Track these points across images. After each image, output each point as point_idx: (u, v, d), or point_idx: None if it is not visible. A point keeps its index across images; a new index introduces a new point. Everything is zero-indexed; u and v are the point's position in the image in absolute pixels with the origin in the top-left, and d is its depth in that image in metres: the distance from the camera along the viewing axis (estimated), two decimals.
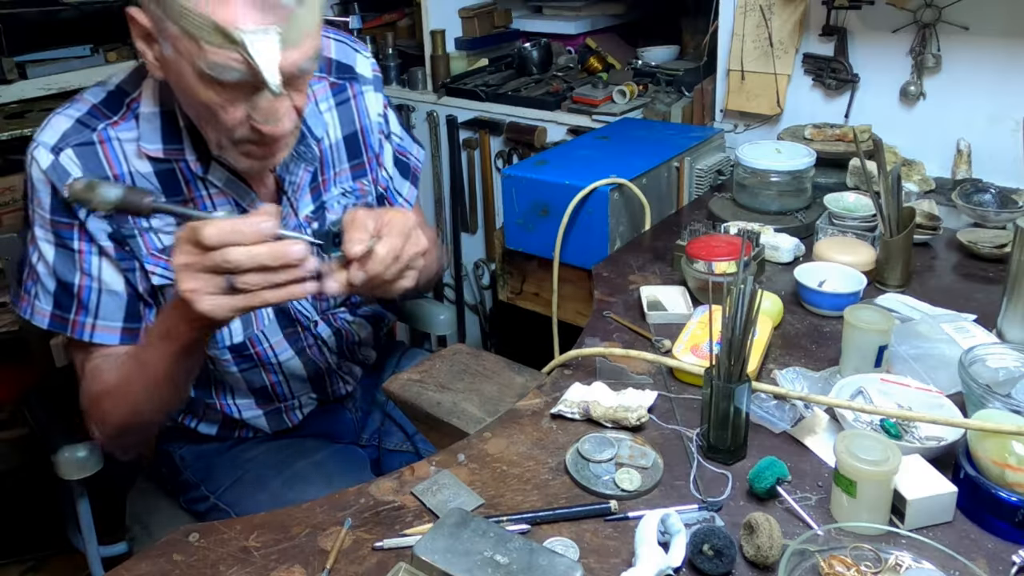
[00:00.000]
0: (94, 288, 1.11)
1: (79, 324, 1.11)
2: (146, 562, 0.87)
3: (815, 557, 0.80)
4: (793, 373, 1.12)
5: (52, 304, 1.11)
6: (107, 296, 1.12)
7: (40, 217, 1.09)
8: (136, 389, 1.08)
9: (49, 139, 1.08)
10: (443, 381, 1.17)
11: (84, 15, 2.56)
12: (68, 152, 1.07)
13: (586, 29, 2.66)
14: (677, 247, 1.44)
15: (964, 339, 1.12)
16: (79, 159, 1.07)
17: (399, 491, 0.95)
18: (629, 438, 1.01)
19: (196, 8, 0.90)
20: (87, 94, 1.12)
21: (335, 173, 1.25)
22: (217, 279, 0.90)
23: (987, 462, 0.87)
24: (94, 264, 1.10)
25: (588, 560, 0.84)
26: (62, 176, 1.06)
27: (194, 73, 0.95)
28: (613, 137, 1.95)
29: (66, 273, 1.10)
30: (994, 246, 1.42)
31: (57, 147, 1.07)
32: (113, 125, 1.09)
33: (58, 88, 2.49)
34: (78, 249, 1.10)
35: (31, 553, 2.20)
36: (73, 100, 1.13)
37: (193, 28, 0.91)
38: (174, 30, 0.92)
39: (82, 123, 1.09)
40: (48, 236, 1.09)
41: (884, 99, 1.80)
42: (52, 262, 1.10)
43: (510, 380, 1.17)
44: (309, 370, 1.30)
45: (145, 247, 1.11)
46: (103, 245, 1.10)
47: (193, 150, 1.10)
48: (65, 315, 1.11)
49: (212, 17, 0.90)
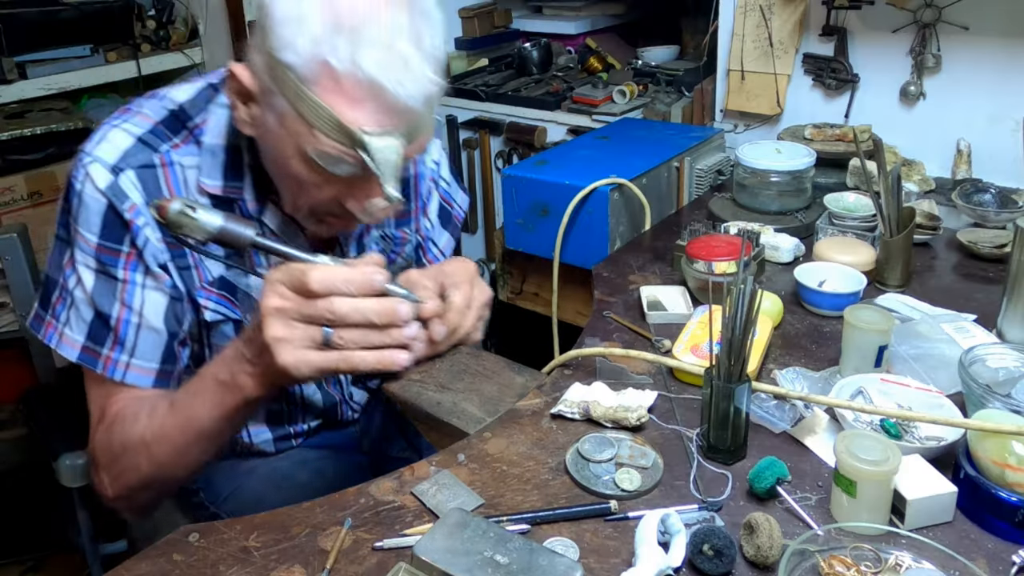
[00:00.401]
0: (133, 322, 1.01)
1: (112, 361, 1.02)
2: (146, 562, 0.87)
3: (815, 557, 0.80)
4: (793, 373, 1.12)
5: (86, 335, 1.01)
6: (146, 332, 1.02)
7: (83, 239, 0.99)
8: (172, 442, 0.98)
9: (108, 156, 0.98)
10: (443, 381, 1.17)
11: (84, 15, 2.56)
12: (129, 174, 0.98)
13: (586, 29, 2.66)
14: (677, 247, 1.44)
15: (964, 339, 1.12)
16: (139, 182, 0.98)
17: (399, 491, 0.95)
18: (629, 438, 1.01)
19: (321, 99, 0.85)
20: (146, 108, 1.03)
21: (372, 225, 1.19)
22: (312, 330, 0.84)
23: (987, 462, 0.87)
24: (137, 296, 1.01)
25: (588, 560, 0.84)
26: (120, 199, 0.97)
27: (296, 151, 0.89)
28: (613, 137, 1.95)
29: (104, 303, 1.01)
30: (994, 246, 1.42)
31: (117, 167, 0.98)
32: (175, 148, 1.01)
33: (58, 88, 2.49)
34: (122, 279, 1.01)
35: (31, 553, 2.20)
36: (128, 111, 1.04)
37: (311, 115, 0.86)
38: (285, 107, 0.87)
39: (144, 142, 1.00)
40: (89, 261, 1.00)
41: (884, 99, 1.80)
42: (91, 289, 1.00)
43: (510, 380, 1.17)
44: (325, 401, 1.25)
45: (198, 279, 1.04)
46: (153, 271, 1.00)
47: (252, 189, 1.03)
48: (99, 349, 1.01)
49: (336, 115, 0.85)
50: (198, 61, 2.99)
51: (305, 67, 0.85)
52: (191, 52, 2.92)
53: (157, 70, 2.82)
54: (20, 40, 2.40)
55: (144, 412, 1.01)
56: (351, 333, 0.86)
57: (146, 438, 0.99)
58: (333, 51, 0.84)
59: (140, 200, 0.98)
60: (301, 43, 0.85)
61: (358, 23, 0.85)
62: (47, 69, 2.46)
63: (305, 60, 0.85)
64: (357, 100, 0.85)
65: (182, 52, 2.88)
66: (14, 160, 2.33)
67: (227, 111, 1.01)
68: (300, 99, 0.86)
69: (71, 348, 1.02)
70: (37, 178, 2.34)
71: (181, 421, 0.98)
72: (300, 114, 0.86)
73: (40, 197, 2.35)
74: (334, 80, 0.85)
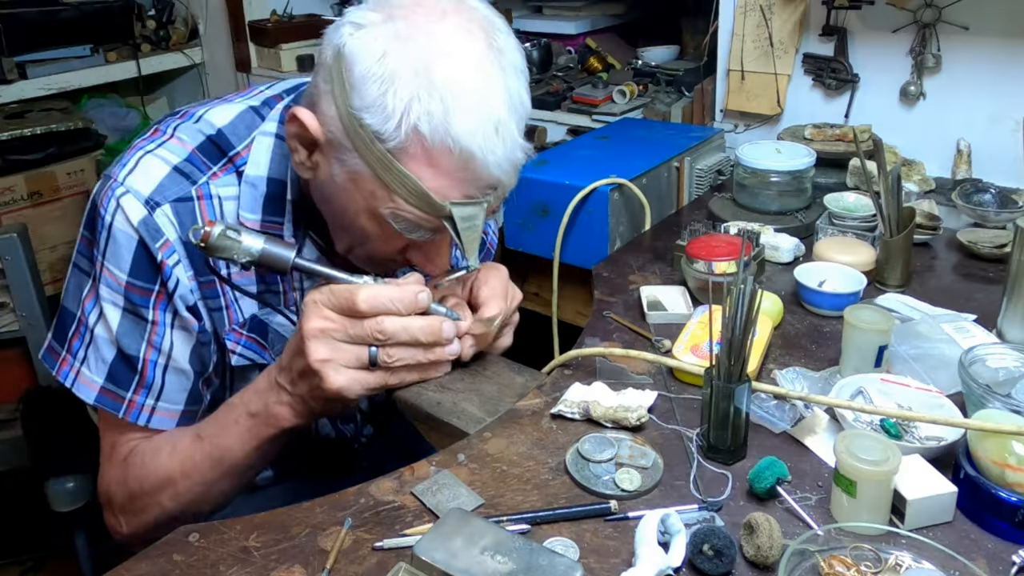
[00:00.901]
0: (160, 364, 0.96)
1: (136, 405, 0.96)
2: (146, 562, 0.87)
3: (815, 557, 0.80)
4: (793, 373, 1.12)
5: (106, 377, 0.95)
6: (172, 375, 0.97)
7: (111, 275, 0.93)
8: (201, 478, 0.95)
9: (143, 188, 0.92)
10: (443, 381, 1.17)
11: (84, 15, 2.56)
12: (165, 209, 0.92)
13: (586, 29, 2.66)
14: (677, 247, 1.44)
15: (964, 339, 1.12)
16: (175, 218, 0.92)
17: (399, 491, 0.95)
18: (629, 438, 1.01)
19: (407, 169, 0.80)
20: (181, 132, 0.96)
21: None
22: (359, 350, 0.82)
23: (987, 462, 0.87)
24: (166, 338, 0.95)
25: (588, 560, 0.84)
26: (154, 236, 0.91)
27: (367, 210, 0.85)
28: (613, 137, 1.95)
29: (131, 345, 0.95)
30: (994, 246, 1.42)
31: (153, 200, 0.91)
32: (213, 178, 0.94)
33: (58, 88, 2.49)
34: (151, 320, 0.95)
35: (31, 553, 2.20)
36: (162, 135, 0.96)
37: (393, 182, 0.81)
38: (360, 166, 0.82)
39: (181, 172, 0.93)
40: (116, 299, 0.94)
41: (884, 99, 1.80)
42: (116, 329, 0.94)
43: (510, 380, 1.17)
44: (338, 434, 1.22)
45: (228, 320, 0.98)
46: (182, 315, 0.95)
47: (291, 225, 0.97)
48: (121, 392, 0.96)
49: (424, 187, 0.81)
50: (198, 61, 2.99)
51: (391, 133, 0.80)
52: (191, 52, 2.92)
53: (157, 70, 2.82)
54: (20, 40, 2.40)
55: (166, 447, 0.97)
56: (399, 351, 0.85)
57: (172, 475, 0.95)
58: (426, 118, 0.79)
59: (175, 236, 0.93)
60: (390, 106, 0.79)
61: (452, 85, 0.79)
62: (47, 69, 2.46)
63: (392, 126, 0.80)
64: (447, 171, 0.81)
65: (182, 52, 2.88)
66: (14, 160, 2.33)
67: (272, 140, 0.96)
68: (382, 165, 0.81)
69: (89, 390, 0.96)
70: (37, 178, 2.34)
71: (210, 456, 0.94)
72: (379, 178, 0.82)
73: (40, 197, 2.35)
74: (423, 149, 0.80)
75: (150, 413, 0.97)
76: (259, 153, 0.96)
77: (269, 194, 0.95)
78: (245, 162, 0.96)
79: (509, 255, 1.94)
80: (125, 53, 2.68)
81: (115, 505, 1.01)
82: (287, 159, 0.94)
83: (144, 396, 0.97)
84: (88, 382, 0.96)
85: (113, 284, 0.94)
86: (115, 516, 1.02)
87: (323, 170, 0.88)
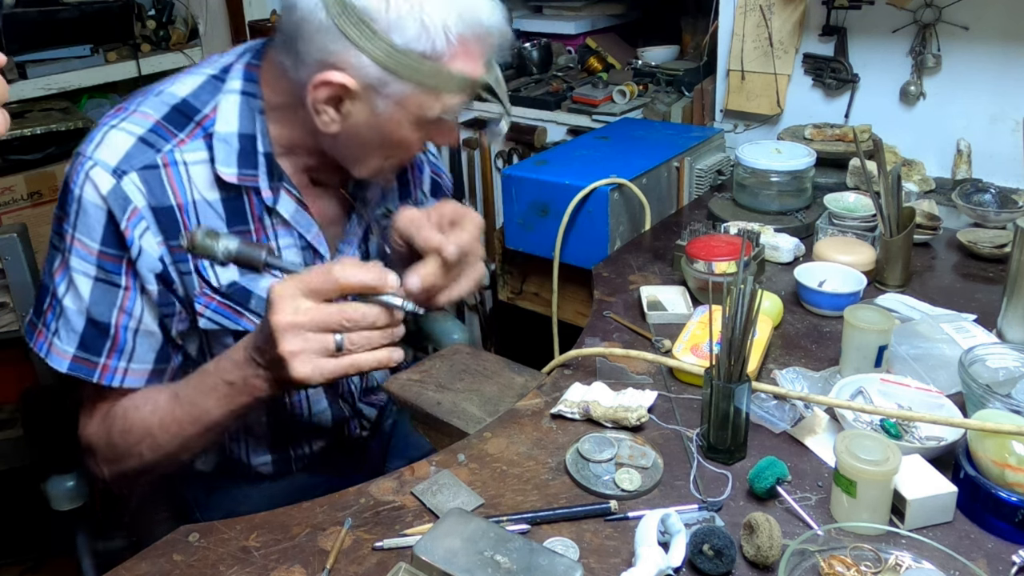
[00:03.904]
0: (131, 328, 1.01)
1: (110, 369, 1.01)
2: (146, 562, 0.87)
3: (815, 557, 0.80)
4: (793, 373, 1.12)
5: (76, 345, 1.00)
6: (143, 337, 1.03)
7: (82, 245, 0.98)
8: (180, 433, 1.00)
9: (109, 159, 0.97)
10: (443, 381, 1.17)
11: (84, 15, 2.56)
12: (132, 177, 0.97)
13: (586, 29, 2.66)
14: (677, 247, 1.44)
15: (964, 339, 1.12)
16: (143, 185, 0.97)
17: (399, 491, 0.95)
18: (629, 438, 1.01)
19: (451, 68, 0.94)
20: (145, 105, 1.02)
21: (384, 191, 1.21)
22: (326, 339, 0.87)
23: (987, 462, 0.87)
24: (137, 303, 1.01)
25: (588, 560, 0.84)
26: (122, 203, 0.96)
27: (413, 121, 0.97)
28: (613, 137, 1.95)
29: (103, 312, 1.00)
30: (994, 246, 1.42)
31: (120, 170, 0.96)
32: (180, 144, 1.00)
33: (58, 88, 2.49)
34: (124, 286, 1.00)
35: (31, 553, 2.20)
36: (127, 110, 1.02)
37: (442, 84, 0.95)
38: (403, 88, 0.94)
39: (145, 142, 0.99)
40: (88, 268, 0.99)
41: (884, 99, 1.80)
42: (87, 298, 0.99)
43: (510, 380, 1.17)
44: (335, 417, 1.23)
45: (199, 284, 1.03)
46: (147, 286, 1.01)
47: (267, 176, 1.03)
48: (94, 358, 1.01)
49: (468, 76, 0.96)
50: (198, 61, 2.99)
51: (437, 49, 0.93)
52: (191, 52, 2.92)
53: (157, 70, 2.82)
54: (20, 40, 2.40)
55: (145, 405, 1.03)
56: (358, 336, 0.88)
57: (151, 429, 1.01)
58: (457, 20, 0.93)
59: (143, 203, 0.97)
60: (431, 27, 0.92)
61: None
62: (47, 69, 2.46)
63: (438, 42, 0.92)
64: (478, 52, 0.96)
65: (182, 52, 2.88)
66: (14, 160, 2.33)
67: (238, 97, 1.02)
68: (432, 77, 0.94)
69: (60, 359, 1.01)
70: (37, 178, 2.34)
71: (189, 415, 0.99)
72: (428, 90, 0.95)
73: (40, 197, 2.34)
74: (462, 44, 0.94)
75: (123, 375, 1.02)
76: (227, 111, 1.01)
77: (242, 149, 1.01)
78: (214, 123, 1.01)
79: (509, 255, 1.94)
80: (125, 53, 2.68)
81: (97, 454, 1.07)
82: (254, 114, 1.01)
83: (117, 359, 1.02)
84: (60, 352, 1.01)
85: (85, 254, 0.98)
86: (97, 464, 1.09)
87: (358, 115, 0.96)
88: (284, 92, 1.00)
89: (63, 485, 1.23)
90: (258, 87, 1.02)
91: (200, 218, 1.01)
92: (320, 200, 1.11)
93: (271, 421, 1.18)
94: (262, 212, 1.05)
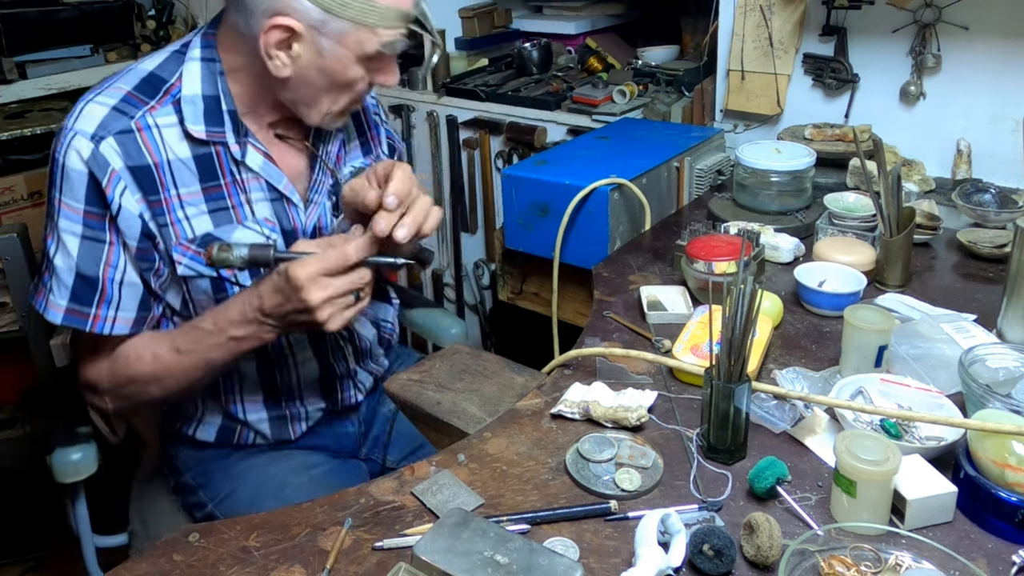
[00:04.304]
0: (116, 280, 1.12)
1: (100, 318, 1.12)
2: (146, 562, 0.87)
3: (815, 557, 0.80)
4: (793, 373, 1.12)
5: (69, 298, 1.11)
6: (127, 288, 1.13)
7: (69, 207, 1.09)
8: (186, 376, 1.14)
9: (87, 127, 1.08)
10: (443, 381, 1.17)
11: (84, 15, 2.56)
12: (109, 141, 1.07)
13: (586, 29, 2.66)
14: (677, 247, 1.44)
15: (964, 339, 1.12)
16: (120, 147, 1.08)
17: (399, 491, 0.95)
18: (629, 438, 1.01)
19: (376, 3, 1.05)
20: (118, 80, 1.13)
21: (347, 149, 1.31)
22: (348, 299, 1.05)
23: (987, 462, 0.87)
24: (121, 256, 1.12)
25: (588, 560, 0.84)
26: (102, 166, 1.07)
27: (355, 58, 1.09)
28: (613, 137, 1.95)
29: (90, 266, 1.10)
30: (994, 246, 1.42)
31: (97, 136, 1.07)
32: (151, 110, 1.11)
33: (58, 88, 2.49)
34: (108, 241, 1.11)
35: (31, 553, 2.20)
36: (101, 87, 1.13)
37: (376, 19, 1.06)
38: (342, 26, 1.05)
39: (118, 111, 1.09)
40: (75, 227, 1.09)
41: (884, 99, 1.80)
42: (76, 254, 1.10)
43: (510, 380, 1.17)
44: (324, 373, 1.30)
45: (175, 236, 1.13)
46: (128, 242, 1.11)
47: (233, 133, 1.14)
48: (85, 309, 1.11)
49: (397, 7, 1.07)
50: None
51: None
52: None
53: None
54: (20, 40, 2.40)
55: (147, 355, 1.15)
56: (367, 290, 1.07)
57: (159, 375, 1.15)
58: None
59: (121, 164, 1.08)
60: None
61: None
62: (47, 69, 2.46)
63: None
64: None
65: None
66: (14, 160, 2.33)
67: (199, 63, 1.13)
68: (363, 12, 1.05)
69: (56, 312, 1.11)
70: (37, 178, 2.33)
71: (195, 364, 1.13)
72: (360, 23, 1.05)
73: (40, 197, 2.34)
74: None
75: (112, 323, 1.13)
76: (191, 77, 1.13)
77: (207, 108, 1.13)
78: (180, 90, 1.12)
79: (509, 255, 1.94)
80: (125, 53, 2.67)
81: (101, 390, 1.20)
82: (215, 76, 1.13)
83: (106, 309, 1.13)
84: (55, 306, 1.12)
85: (71, 215, 1.09)
86: (100, 398, 1.21)
87: (306, 56, 1.08)
88: (240, 52, 1.12)
89: (68, 457, 1.25)
90: (216, 52, 1.14)
91: (175, 175, 1.12)
92: (286, 155, 1.21)
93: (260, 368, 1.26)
94: (231, 166, 1.15)
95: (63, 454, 1.27)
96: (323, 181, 1.25)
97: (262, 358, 1.25)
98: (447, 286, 2.72)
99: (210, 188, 1.14)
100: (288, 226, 1.20)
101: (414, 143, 2.61)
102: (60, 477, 1.27)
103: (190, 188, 1.12)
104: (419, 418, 1.15)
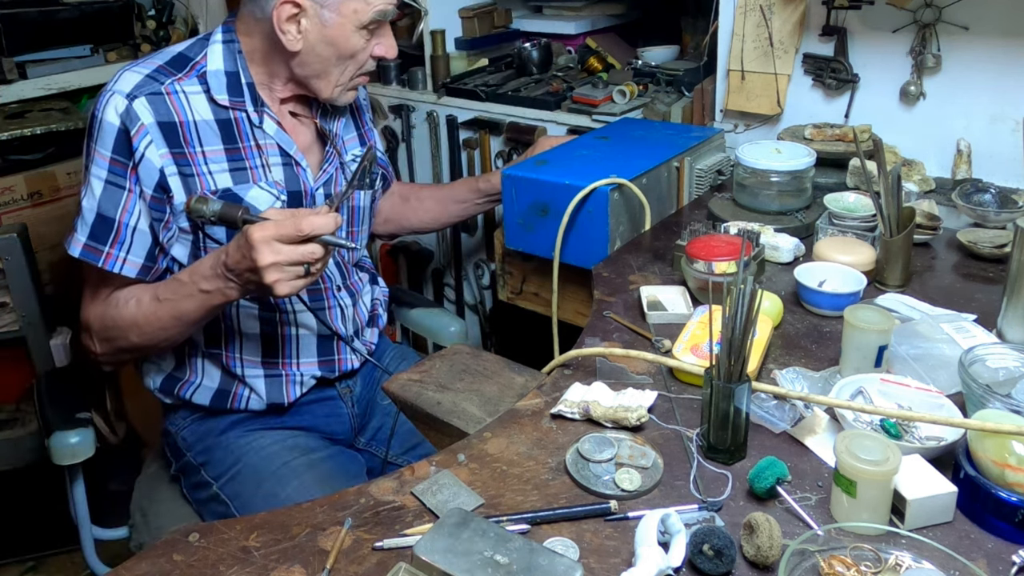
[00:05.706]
0: (130, 225, 1.26)
1: (112, 256, 1.26)
2: (146, 562, 0.87)
3: (815, 557, 0.80)
4: (793, 373, 1.12)
5: (87, 235, 1.26)
6: (138, 235, 1.27)
7: (100, 155, 1.24)
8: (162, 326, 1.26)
9: (124, 88, 1.24)
10: (443, 381, 1.17)
11: (84, 15, 2.56)
12: (142, 100, 1.24)
13: (586, 29, 2.66)
14: (677, 247, 1.44)
15: (964, 339, 1.12)
16: (151, 106, 1.24)
17: (399, 491, 0.95)
18: (629, 438, 1.01)
19: None
20: (152, 57, 1.32)
21: (345, 140, 1.47)
22: (297, 270, 1.14)
23: (987, 462, 0.87)
24: (137, 205, 1.26)
25: (588, 560, 0.84)
26: (134, 119, 1.23)
27: (353, 27, 1.27)
28: (613, 137, 1.95)
29: (110, 208, 1.25)
30: (994, 246, 1.42)
31: (132, 95, 1.24)
32: (178, 80, 1.28)
33: (58, 88, 2.49)
34: (127, 188, 1.25)
35: (31, 553, 2.20)
36: (139, 61, 1.32)
37: None
38: None
39: (151, 78, 1.27)
40: (102, 173, 1.24)
41: (884, 99, 1.80)
42: (99, 196, 1.25)
43: (510, 380, 1.17)
44: (321, 333, 1.41)
45: (200, 186, 1.28)
46: (144, 191, 1.25)
47: (251, 103, 1.31)
48: (100, 247, 1.26)
49: None
50: None
51: None
52: None
53: None
54: (20, 40, 2.40)
55: (132, 301, 1.28)
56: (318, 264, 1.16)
57: (137, 321, 1.28)
58: None
59: (151, 120, 1.24)
60: None
61: None
62: (47, 69, 2.46)
63: None
64: None
65: None
66: (14, 160, 2.33)
67: (221, 46, 1.32)
68: None
69: (75, 247, 1.26)
70: (37, 178, 2.33)
71: (170, 313, 1.25)
72: None
73: (40, 197, 2.34)
74: None
75: (122, 263, 1.27)
76: (215, 56, 1.32)
77: (229, 81, 1.31)
78: (205, 66, 1.31)
79: (509, 255, 1.94)
80: (125, 53, 2.67)
81: (92, 332, 1.33)
82: (235, 55, 1.32)
83: (118, 249, 1.27)
84: (76, 242, 1.27)
85: (101, 161, 1.25)
86: (91, 340, 1.34)
87: (312, 29, 1.26)
88: (256, 35, 1.31)
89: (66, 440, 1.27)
90: (235, 35, 1.32)
91: (200, 133, 1.28)
92: (298, 129, 1.39)
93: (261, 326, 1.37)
94: (249, 131, 1.31)
95: (61, 437, 1.30)
96: (332, 154, 1.42)
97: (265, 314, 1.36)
98: (447, 286, 2.72)
99: (231, 149, 1.30)
100: (296, 188, 1.35)
101: (414, 143, 2.61)
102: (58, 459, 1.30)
103: (213, 147, 1.29)
104: (419, 418, 1.15)
